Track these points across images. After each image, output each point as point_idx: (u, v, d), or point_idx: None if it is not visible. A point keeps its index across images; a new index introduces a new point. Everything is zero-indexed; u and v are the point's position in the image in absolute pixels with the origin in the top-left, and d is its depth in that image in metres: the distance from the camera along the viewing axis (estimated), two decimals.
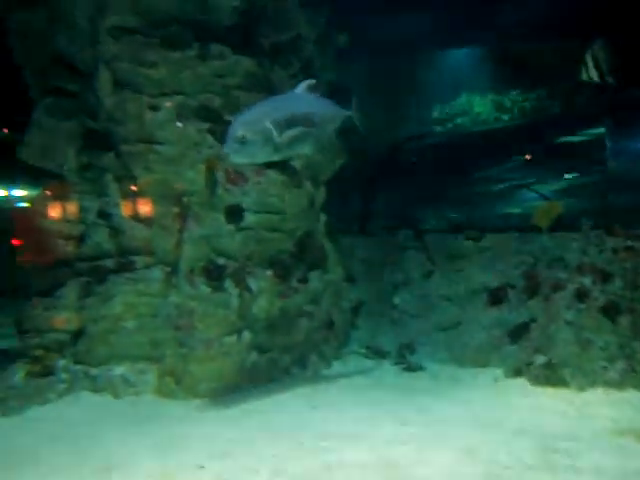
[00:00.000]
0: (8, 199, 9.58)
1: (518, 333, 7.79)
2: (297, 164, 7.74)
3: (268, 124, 5.03)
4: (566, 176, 10.22)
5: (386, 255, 9.47)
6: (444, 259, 9.04)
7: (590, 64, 7.24)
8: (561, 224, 8.20)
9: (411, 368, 7.86)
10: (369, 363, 8.14)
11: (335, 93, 8.41)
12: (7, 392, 6.67)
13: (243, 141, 4.95)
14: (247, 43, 7.32)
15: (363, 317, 9.00)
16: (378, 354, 8.33)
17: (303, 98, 5.62)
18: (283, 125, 5.10)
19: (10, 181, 9.26)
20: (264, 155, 5.19)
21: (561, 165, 10.32)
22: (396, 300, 9.11)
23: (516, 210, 10.38)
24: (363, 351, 8.46)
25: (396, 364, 8.02)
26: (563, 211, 8.42)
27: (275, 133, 5.05)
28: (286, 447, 5.19)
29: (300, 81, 7.69)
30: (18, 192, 9.38)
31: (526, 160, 10.58)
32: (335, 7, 8.19)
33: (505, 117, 11.24)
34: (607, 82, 7.33)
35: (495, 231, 8.77)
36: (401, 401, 6.43)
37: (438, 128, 11.38)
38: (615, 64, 7.23)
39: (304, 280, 7.88)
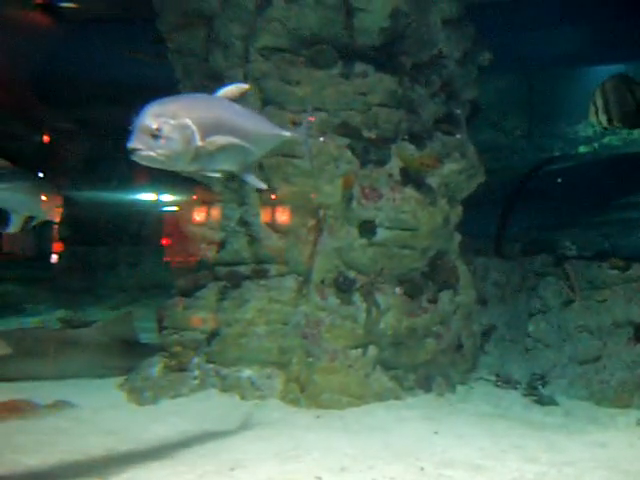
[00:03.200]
0: (157, 203, 10.33)
1: None
2: (433, 182, 7.68)
3: (189, 122, 3.83)
4: None
5: (522, 280, 9.10)
6: (585, 288, 8.52)
7: (600, 105, 6.12)
8: None
9: (543, 401, 7.43)
10: (497, 392, 7.81)
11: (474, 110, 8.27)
12: (144, 383, 7.17)
13: (156, 135, 3.70)
14: (389, 61, 7.39)
15: (494, 343, 8.68)
16: (508, 383, 7.99)
17: (229, 105, 4.30)
18: (207, 128, 3.92)
19: (160, 186, 9.98)
20: (179, 160, 3.87)
21: None
22: (530, 327, 8.70)
23: None
24: (492, 378, 8.15)
25: (526, 395, 7.63)
26: None
27: (197, 135, 3.86)
28: (405, 470, 5.11)
29: (440, 99, 7.68)
30: (166, 197, 10.09)
31: None
32: (479, 25, 8.04)
33: None
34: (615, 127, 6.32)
35: None
36: (529, 436, 6.10)
37: (582, 148, 10.80)
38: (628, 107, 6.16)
39: (434, 300, 7.76)
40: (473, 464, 5.27)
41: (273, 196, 7.40)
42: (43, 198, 7.57)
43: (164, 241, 9.37)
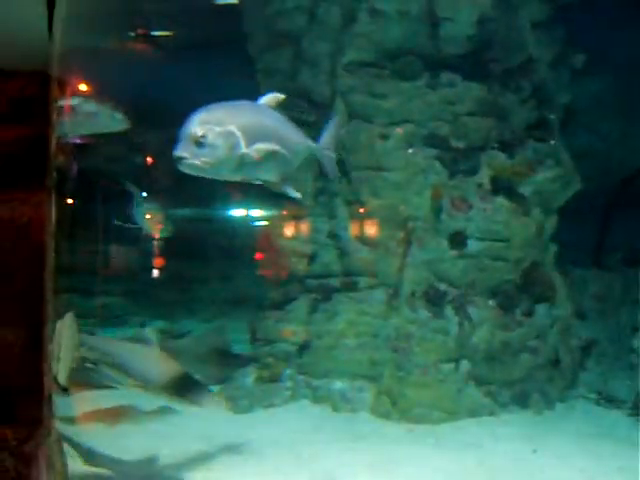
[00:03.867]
0: (248, 218, 10.61)
1: None
2: (526, 191, 7.47)
3: (234, 128, 3.79)
4: None
5: (624, 292, 8.67)
6: None
7: None
8: None
9: None
10: (599, 410, 7.46)
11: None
12: (238, 392, 7.35)
13: (201, 143, 3.68)
14: (477, 69, 7.28)
15: (594, 358, 8.29)
16: (611, 401, 7.61)
17: (270, 112, 4.20)
18: (252, 135, 3.86)
19: (251, 202, 10.24)
20: (225, 168, 3.82)
21: None
22: (635, 343, 8.26)
23: None
24: (593, 396, 7.78)
25: (632, 415, 7.24)
26: None
27: (242, 142, 3.82)
28: None
29: (531, 105, 7.49)
30: (255, 212, 10.33)
31: None
32: (572, 26, 7.78)
33: None
34: None
35: None
36: (635, 457, 5.77)
37: None
38: None
39: (529, 313, 7.52)
40: None
41: (362, 209, 7.44)
42: (148, 216, 8.01)
43: (256, 255, 9.59)
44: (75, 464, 4.74)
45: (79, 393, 6.02)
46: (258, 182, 4.24)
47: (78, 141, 6.20)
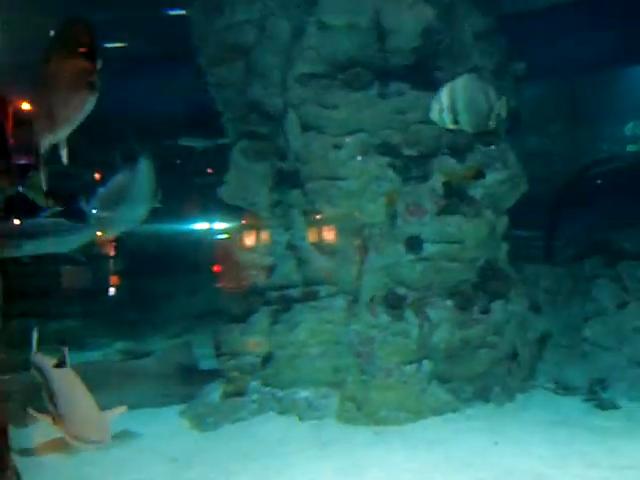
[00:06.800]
0: (206, 232, 10.63)
1: None
2: (476, 193, 7.70)
3: None
4: None
5: (575, 284, 9.00)
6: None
7: (446, 104, 5.48)
8: None
9: (603, 406, 7.32)
10: (557, 399, 7.73)
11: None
12: (205, 409, 7.35)
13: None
14: (424, 78, 7.48)
15: (550, 349, 8.59)
16: (567, 389, 7.89)
17: None
18: None
19: (211, 214, 10.26)
20: None
21: None
22: (587, 332, 8.59)
23: None
24: (550, 385, 8.06)
25: (587, 401, 7.53)
26: None
27: None
28: None
29: None
30: (217, 225, 10.35)
31: None
32: (512, 35, 8.07)
33: None
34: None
35: None
36: (591, 441, 6.04)
37: (630, 147, 10.60)
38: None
39: (486, 310, 7.74)
40: (534, 472, 5.28)
41: (318, 219, 7.55)
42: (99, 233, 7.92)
43: (217, 268, 9.60)
44: None
45: (35, 423, 5.92)
46: None
47: (23, 161, 6.11)
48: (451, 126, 5.70)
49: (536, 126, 9.93)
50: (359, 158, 7.28)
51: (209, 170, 10.30)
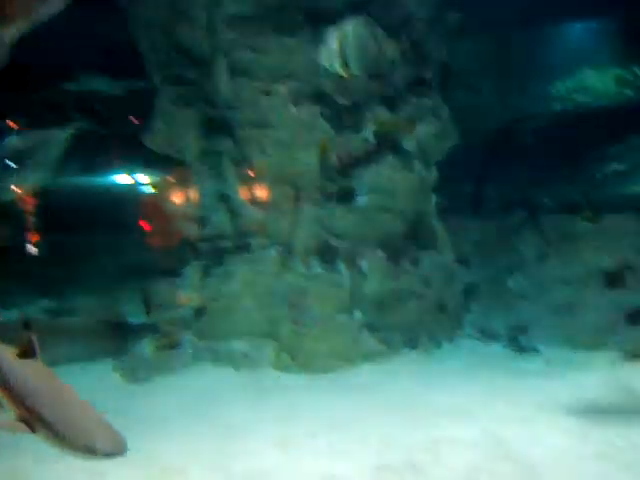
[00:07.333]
0: (135, 186, 10.25)
1: (637, 315, 7.45)
2: (408, 145, 7.77)
3: None
4: None
5: (500, 237, 9.30)
6: (560, 240, 8.77)
7: (335, 50, 5.37)
8: None
9: (524, 350, 7.69)
10: (481, 346, 8.03)
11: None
12: (137, 363, 7.22)
13: None
14: None
15: (476, 300, 8.90)
16: (491, 336, 8.21)
17: None
18: None
19: (136, 168, 9.91)
20: None
21: None
22: (510, 283, 8.93)
23: (638, 189, 9.79)
24: (475, 333, 8.37)
25: (509, 346, 7.88)
26: None
27: None
28: (397, 422, 5.30)
29: (411, 61, 7.66)
30: (143, 178, 10.01)
31: None
32: None
33: (629, 92, 10.60)
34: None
35: (614, 211, 8.38)
36: (512, 382, 6.35)
37: (556, 104, 10.93)
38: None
39: (415, 262, 7.91)
40: (461, 410, 5.49)
41: (250, 169, 7.43)
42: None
43: (144, 223, 9.33)
44: None
45: None
46: None
47: None
48: (342, 71, 5.60)
49: (466, 81, 10.06)
50: (291, 106, 7.15)
51: (132, 118, 9.74)
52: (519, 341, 7.92)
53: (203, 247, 7.69)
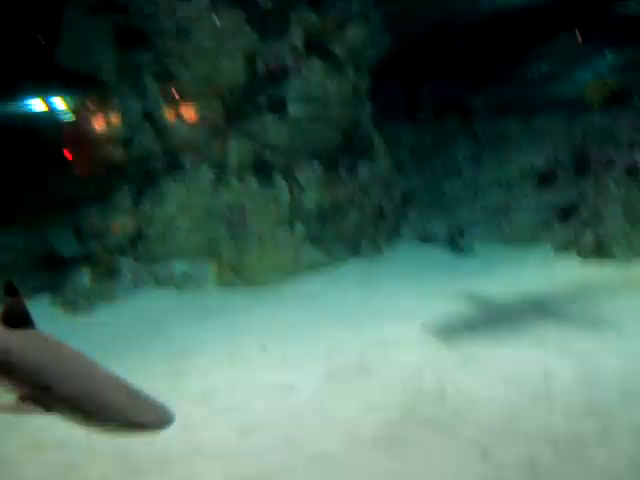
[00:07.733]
0: (51, 112, 9.57)
1: (568, 211, 7.67)
2: (338, 50, 7.49)
3: None
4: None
5: (435, 143, 9.30)
6: (493, 142, 8.85)
7: None
8: (614, 101, 7.85)
9: (461, 251, 7.86)
10: (420, 249, 8.16)
11: None
12: (77, 294, 6.96)
13: None
14: None
15: (414, 205, 8.97)
16: (430, 240, 8.33)
17: None
18: None
19: (49, 94, 9.22)
20: None
21: (618, 38, 9.63)
22: (446, 187, 9.02)
23: (568, 89, 9.88)
24: (415, 238, 8.47)
25: (447, 249, 8.01)
26: (616, 87, 8.04)
27: None
28: (344, 327, 5.38)
29: None
30: (59, 102, 9.34)
31: (579, 35, 9.91)
32: None
33: None
34: None
35: (544, 111, 8.46)
36: (451, 281, 6.51)
37: (486, 4, 10.72)
38: None
39: (353, 171, 7.82)
40: (403, 311, 5.64)
41: (174, 83, 7.03)
42: None
43: (66, 151, 8.80)
44: None
45: None
46: None
47: None
48: None
49: None
50: (212, 13, 6.72)
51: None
52: (457, 243, 8.09)
53: (132, 170, 7.34)
